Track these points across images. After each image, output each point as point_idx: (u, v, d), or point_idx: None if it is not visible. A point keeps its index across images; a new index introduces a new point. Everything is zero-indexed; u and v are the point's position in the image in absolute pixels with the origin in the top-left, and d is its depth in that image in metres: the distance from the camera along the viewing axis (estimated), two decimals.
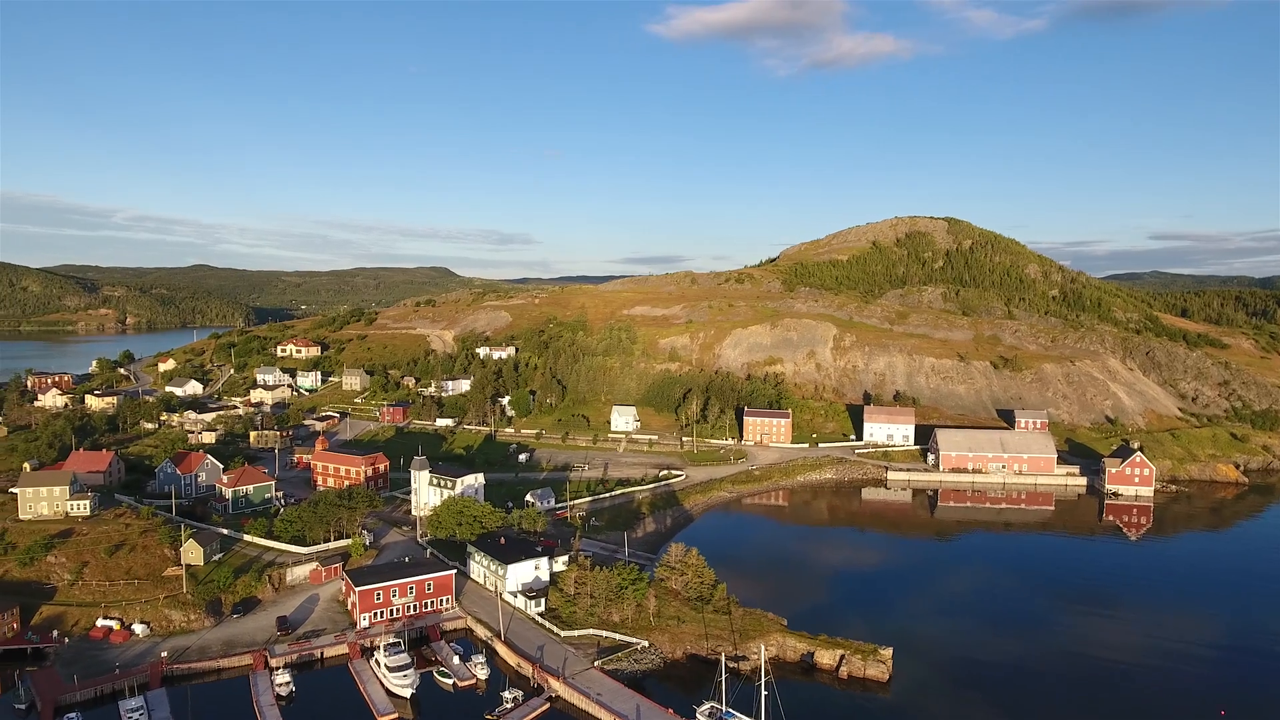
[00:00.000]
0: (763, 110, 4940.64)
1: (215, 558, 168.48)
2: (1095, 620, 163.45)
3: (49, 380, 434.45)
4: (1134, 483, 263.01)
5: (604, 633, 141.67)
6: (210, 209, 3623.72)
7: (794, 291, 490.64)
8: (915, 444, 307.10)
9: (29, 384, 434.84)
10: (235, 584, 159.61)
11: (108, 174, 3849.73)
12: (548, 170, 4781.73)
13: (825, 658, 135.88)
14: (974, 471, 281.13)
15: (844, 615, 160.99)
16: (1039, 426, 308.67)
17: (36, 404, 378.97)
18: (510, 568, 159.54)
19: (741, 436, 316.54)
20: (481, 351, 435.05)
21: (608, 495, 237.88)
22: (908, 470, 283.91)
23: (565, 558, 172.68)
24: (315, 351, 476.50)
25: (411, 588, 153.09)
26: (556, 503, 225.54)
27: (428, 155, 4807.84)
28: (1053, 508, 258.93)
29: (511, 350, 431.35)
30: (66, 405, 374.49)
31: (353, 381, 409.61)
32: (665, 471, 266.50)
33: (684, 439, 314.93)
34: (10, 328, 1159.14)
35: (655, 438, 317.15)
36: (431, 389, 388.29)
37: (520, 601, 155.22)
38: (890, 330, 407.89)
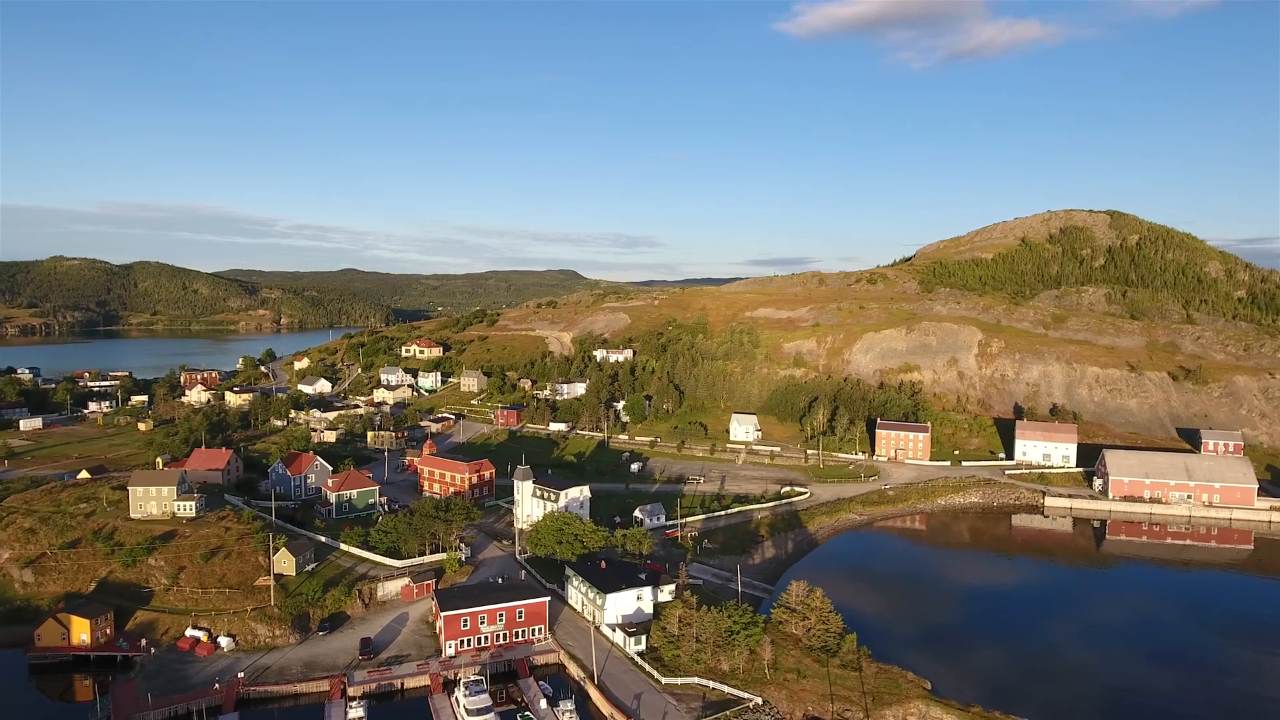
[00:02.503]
0: (897, 105, 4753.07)
1: (308, 568, 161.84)
2: None
3: (197, 376, 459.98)
4: None
5: (710, 683, 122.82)
6: (361, 217, 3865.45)
7: (932, 292, 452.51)
8: (1077, 466, 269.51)
9: (181, 379, 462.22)
10: (324, 598, 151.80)
11: (273, 186, 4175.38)
12: (673, 173, 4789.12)
13: None
14: (1151, 501, 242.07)
15: (1000, 675, 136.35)
16: (1232, 450, 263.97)
17: (183, 400, 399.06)
18: (610, 597, 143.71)
19: (873, 451, 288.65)
20: (598, 354, 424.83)
21: (723, 513, 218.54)
22: (1069, 496, 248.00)
23: (671, 587, 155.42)
24: (437, 352, 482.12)
25: (501, 615, 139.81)
26: (667, 519, 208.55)
27: (558, 161, 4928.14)
28: (1251, 547, 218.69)
29: (629, 353, 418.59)
30: (208, 401, 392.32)
31: (470, 383, 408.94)
32: (788, 488, 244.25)
33: (809, 452, 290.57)
34: (182, 326, 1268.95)
35: (777, 449, 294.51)
36: (546, 392, 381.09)
37: (619, 637, 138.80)
38: (1045, 335, 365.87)
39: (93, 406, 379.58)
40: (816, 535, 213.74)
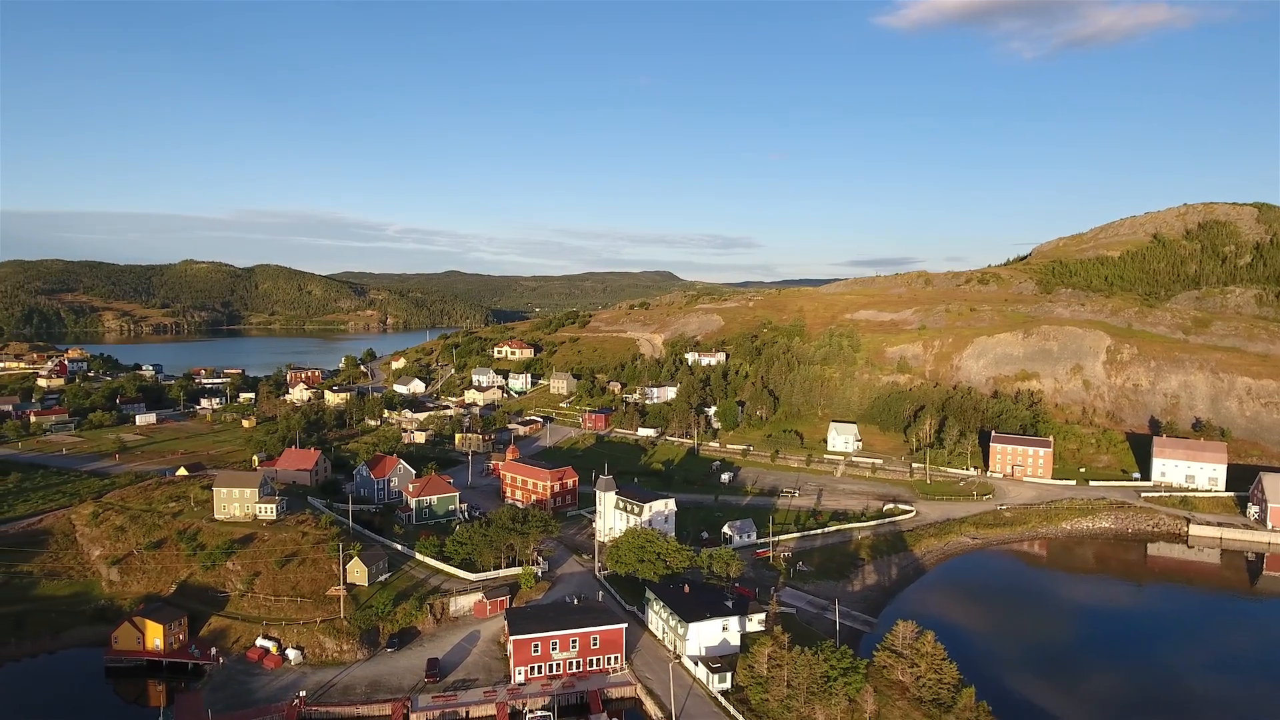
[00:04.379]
0: (1006, 98, 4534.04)
1: (381, 578, 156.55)
2: None
3: (300, 375, 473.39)
4: None
5: None
6: (465, 220, 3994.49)
7: (1052, 293, 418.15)
8: (1226, 489, 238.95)
9: (287, 377, 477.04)
10: (395, 611, 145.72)
11: (384, 191, 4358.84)
12: (771, 173, 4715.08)
13: None
14: None
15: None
16: None
17: (285, 398, 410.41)
18: (692, 627, 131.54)
19: (986, 467, 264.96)
20: (690, 357, 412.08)
21: (819, 531, 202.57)
22: (1219, 525, 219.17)
23: (761, 616, 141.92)
24: (529, 354, 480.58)
25: (574, 640, 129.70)
26: (758, 537, 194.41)
27: (654, 162, 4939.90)
28: None
29: (721, 356, 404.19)
30: (309, 399, 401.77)
31: (560, 385, 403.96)
32: (890, 505, 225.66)
33: (914, 465, 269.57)
34: (297, 326, 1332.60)
35: (879, 462, 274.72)
36: (636, 395, 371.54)
37: (701, 672, 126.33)
38: (1185, 341, 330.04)
39: (204, 403, 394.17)
40: (924, 560, 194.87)
